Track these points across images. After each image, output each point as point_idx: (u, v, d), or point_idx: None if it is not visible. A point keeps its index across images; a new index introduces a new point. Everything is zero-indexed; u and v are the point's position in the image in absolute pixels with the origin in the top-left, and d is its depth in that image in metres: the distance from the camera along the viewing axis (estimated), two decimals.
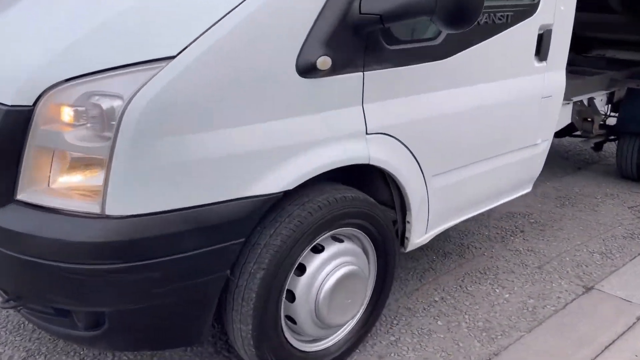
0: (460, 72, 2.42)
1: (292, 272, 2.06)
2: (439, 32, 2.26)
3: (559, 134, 5.21)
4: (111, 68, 1.66)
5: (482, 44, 2.45)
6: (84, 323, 1.80)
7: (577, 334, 2.72)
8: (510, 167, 2.94)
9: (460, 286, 3.11)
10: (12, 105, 1.69)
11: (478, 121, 2.58)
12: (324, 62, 1.88)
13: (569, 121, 4.43)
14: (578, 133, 4.98)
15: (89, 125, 1.66)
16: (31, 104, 1.68)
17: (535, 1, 2.67)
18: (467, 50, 2.39)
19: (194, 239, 1.75)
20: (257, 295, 1.94)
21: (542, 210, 4.27)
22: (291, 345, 2.17)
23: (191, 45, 1.68)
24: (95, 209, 1.66)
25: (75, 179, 1.71)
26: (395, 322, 2.75)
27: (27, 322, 2.61)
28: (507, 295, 3.04)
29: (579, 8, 5.14)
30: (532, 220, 4.06)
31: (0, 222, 1.72)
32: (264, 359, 2.04)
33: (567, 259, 3.49)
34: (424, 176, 2.42)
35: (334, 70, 1.94)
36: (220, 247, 1.81)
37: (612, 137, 5.00)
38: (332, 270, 2.14)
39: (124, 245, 1.66)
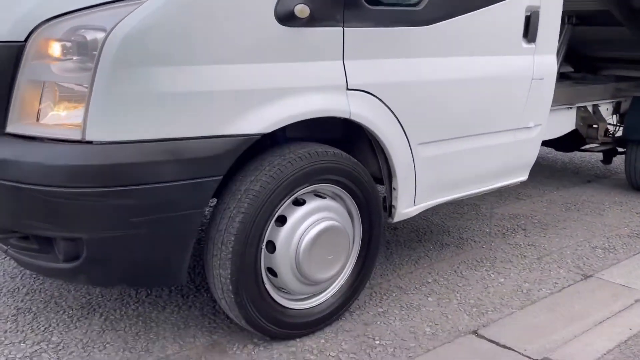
0: (445, 41, 2.49)
1: (272, 221, 2.09)
2: None
3: (567, 148, 5.21)
4: (97, 5, 1.78)
5: (466, 15, 2.52)
6: (64, 254, 1.85)
7: (570, 311, 2.66)
8: (501, 148, 2.95)
9: (455, 271, 3.08)
10: (5, 41, 1.81)
11: (463, 93, 2.62)
12: (302, 10, 1.97)
13: (572, 127, 4.43)
14: (586, 147, 4.97)
15: (74, 57, 1.77)
16: (23, 39, 1.79)
17: None
18: (450, 20, 2.46)
19: (171, 170, 1.81)
20: (235, 238, 1.97)
21: (547, 213, 4.22)
22: (272, 298, 2.18)
23: None
24: (76, 135, 1.74)
25: (62, 110, 1.80)
26: (385, 297, 2.73)
27: (20, 287, 2.67)
28: (502, 280, 3.00)
29: (585, 23, 5.23)
30: (536, 221, 4.01)
31: None
32: (242, 306, 2.05)
33: (568, 252, 3.43)
34: (409, 142, 2.45)
35: (313, 21, 2.02)
36: (197, 182, 1.86)
37: (621, 149, 4.98)
38: (313, 223, 2.17)
39: (101, 170, 1.73)
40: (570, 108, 4.30)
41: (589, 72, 6.40)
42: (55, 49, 1.78)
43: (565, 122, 4.33)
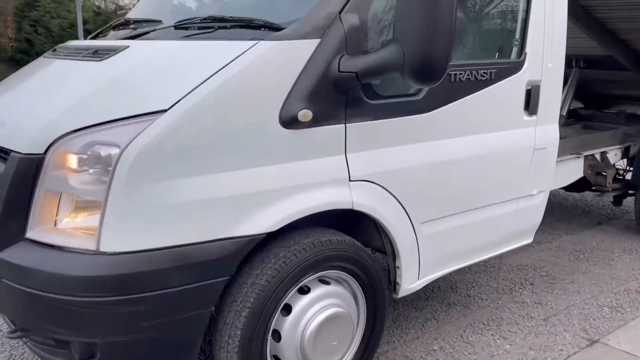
0: (444, 124, 2.56)
1: (278, 311, 2.17)
2: (421, 88, 2.43)
3: (577, 189, 5.22)
4: (111, 121, 1.88)
5: (466, 98, 2.59)
6: (79, 354, 1.94)
7: None
8: (504, 217, 3.00)
9: (461, 336, 3.13)
10: (26, 154, 1.92)
11: (463, 171, 2.69)
12: (305, 115, 2.06)
13: (580, 175, 4.46)
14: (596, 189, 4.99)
15: (90, 170, 1.87)
16: (42, 152, 1.91)
17: (521, 59, 2.82)
18: (450, 104, 2.54)
19: (180, 275, 1.90)
20: (242, 333, 2.06)
21: (554, 263, 4.25)
22: None
23: (182, 100, 1.89)
24: (91, 245, 1.84)
25: (78, 219, 1.91)
26: None
27: None
28: (507, 347, 3.04)
29: (595, 66, 5.26)
30: (544, 274, 4.04)
31: (11, 258, 1.92)
32: None
33: (575, 312, 3.46)
34: (412, 223, 2.53)
35: (316, 122, 2.11)
36: (205, 284, 1.95)
37: (631, 191, 4.99)
38: (318, 311, 2.25)
39: (114, 280, 1.83)
40: (578, 157, 4.34)
41: (599, 107, 6.43)
42: (72, 162, 1.89)
43: (572, 171, 4.36)
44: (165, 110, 1.87)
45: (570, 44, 4.22)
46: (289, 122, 2.05)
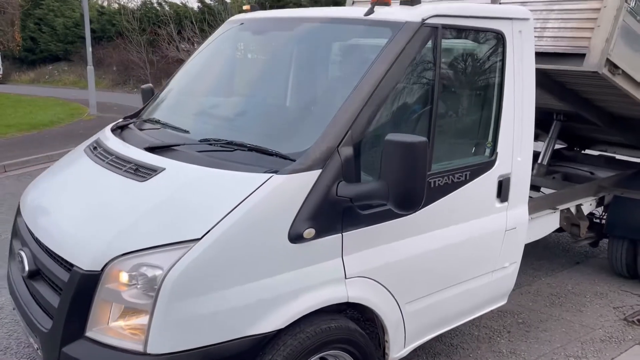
0: (426, 221, 3.04)
1: None
2: None
3: (558, 230, 5.71)
4: (155, 246, 2.37)
5: (445, 197, 3.07)
6: None
7: None
8: (479, 288, 3.49)
9: None
10: (87, 270, 2.41)
11: (444, 257, 3.17)
12: (309, 232, 2.55)
13: (556, 226, 4.93)
14: None
15: (138, 286, 2.36)
16: (100, 269, 2.39)
17: (493, 158, 3.30)
18: (431, 205, 3.02)
19: None
20: None
21: (531, 309, 4.74)
22: None
23: (212, 230, 2.37)
24: (139, 347, 2.33)
25: (128, 325, 2.39)
26: None
27: None
28: None
29: (574, 119, 5.71)
30: (520, 321, 4.54)
31: (73, 353, 2.41)
32: None
33: None
34: (398, 304, 3.01)
35: (318, 235, 2.60)
36: None
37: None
38: None
39: None
40: (554, 211, 4.81)
41: (582, 147, 6.91)
42: (124, 278, 2.38)
43: (549, 224, 4.84)
44: (198, 239, 2.35)
45: (551, 101, 4.67)
46: (296, 238, 2.53)
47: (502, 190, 3.39)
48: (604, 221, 5.44)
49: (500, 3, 4.05)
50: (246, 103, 3.36)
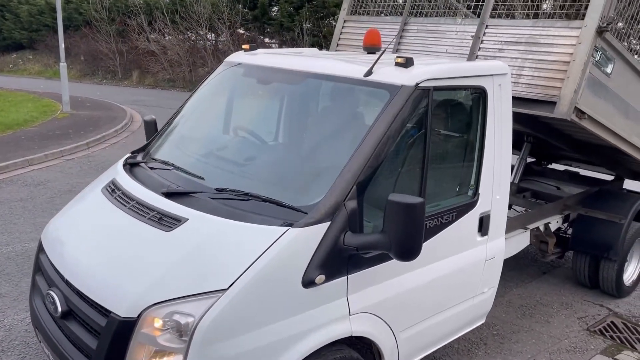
0: (419, 259, 3.38)
1: None
2: None
3: None
4: (186, 296, 2.67)
5: (436, 236, 3.45)
6: None
7: None
8: (462, 312, 3.90)
9: None
10: (124, 317, 2.69)
11: (433, 288, 3.56)
12: (320, 278, 2.88)
13: (527, 244, 5.39)
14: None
15: (171, 331, 2.66)
16: (136, 316, 2.68)
17: (475, 199, 3.69)
18: (424, 244, 3.37)
19: None
20: None
21: (504, 320, 5.20)
22: None
23: (237, 281, 2.68)
24: None
25: None
26: None
27: None
28: None
29: (540, 141, 6.15)
30: (495, 332, 4.98)
31: None
32: None
33: None
34: (393, 333, 3.39)
35: (326, 280, 2.94)
36: None
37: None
38: None
39: None
40: (525, 230, 5.26)
41: (549, 160, 7.40)
42: (158, 324, 2.67)
43: (520, 242, 5.28)
44: (226, 289, 2.66)
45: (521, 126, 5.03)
46: (308, 284, 2.86)
47: (483, 225, 3.79)
48: (569, 235, 5.93)
49: (477, 54, 4.43)
50: (258, 150, 3.65)
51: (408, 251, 2.84)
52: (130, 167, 3.82)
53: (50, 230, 3.58)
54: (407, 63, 3.28)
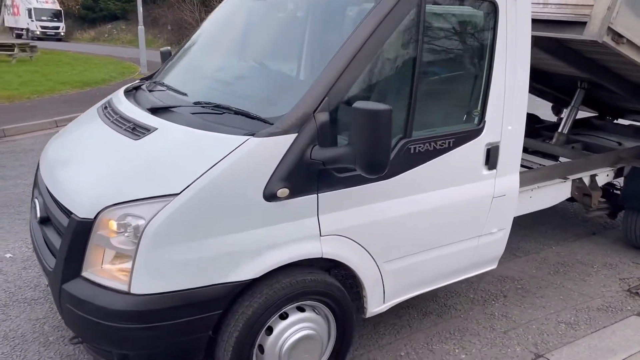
0: (407, 186, 3.17)
1: (262, 332, 2.92)
2: None
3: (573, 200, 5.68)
4: (139, 199, 2.62)
5: (428, 163, 3.19)
6: (117, 357, 2.77)
7: None
8: (465, 251, 3.61)
9: (427, 344, 3.80)
10: (82, 218, 2.70)
11: (425, 220, 3.30)
12: (283, 192, 2.74)
13: (567, 196, 4.94)
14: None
15: (125, 234, 2.63)
16: (92, 217, 2.67)
17: (481, 126, 3.36)
18: (411, 170, 3.14)
19: (186, 310, 2.66)
20: (233, 349, 2.82)
21: (533, 276, 4.81)
22: None
23: (190, 186, 2.60)
24: (125, 288, 2.61)
25: (115, 268, 2.68)
26: None
27: None
28: (463, 356, 3.69)
29: (596, 88, 5.60)
30: (519, 286, 4.62)
31: (71, 289, 2.72)
32: None
33: (534, 326, 4.06)
34: (376, 263, 3.19)
35: (292, 195, 2.78)
36: (204, 316, 2.71)
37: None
38: (293, 332, 2.98)
39: (140, 314, 2.60)
40: (565, 181, 4.80)
41: (614, 115, 6.74)
42: (113, 226, 2.65)
43: (558, 194, 4.85)
44: (177, 194, 2.59)
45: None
46: (270, 197, 2.73)
47: (491, 158, 3.46)
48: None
49: None
50: (239, 67, 3.53)
51: (372, 164, 2.62)
52: (135, 91, 3.84)
53: (46, 147, 3.68)
54: None
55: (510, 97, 3.45)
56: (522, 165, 5.35)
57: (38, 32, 34.44)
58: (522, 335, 3.94)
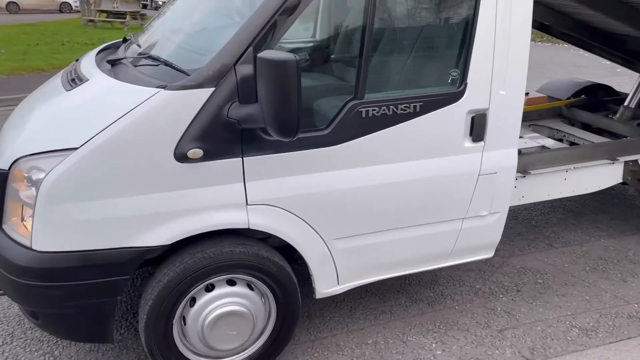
0: (360, 155, 2.75)
1: (184, 302, 2.71)
2: (329, 123, 2.67)
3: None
4: (42, 152, 2.49)
5: (385, 130, 2.75)
6: (29, 315, 2.71)
7: None
8: (443, 235, 3.12)
9: (403, 334, 3.38)
10: (0, 169, 2.62)
11: (384, 196, 2.87)
12: (195, 153, 2.47)
13: (619, 180, 4.21)
14: None
15: (29, 188, 2.52)
16: (7, 168, 2.59)
17: (460, 89, 2.83)
18: (365, 137, 2.72)
19: (89, 272, 2.51)
20: (147, 316, 2.65)
21: (562, 270, 4.15)
22: (181, 353, 2.81)
23: (90, 140, 2.41)
24: (28, 243, 2.52)
25: (23, 221, 2.58)
26: (315, 354, 3.21)
27: None
28: (438, 352, 3.24)
29: None
30: (540, 281, 4.01)
31: None
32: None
33: (539, 328, 3.48)
34: (322, 239, 2.84)
35: (208, 157, 2.51)
36: (109, 280, 2.54)
37: None
38: (218, 306, 2.74)
39: (42, 271, 2.49)
40: (613, 162, 4.07)
41: None
42: (22, 178, 2.55)
43: (605, 177, 4.13)
44: (76, 148, 2.41)
45: None
46: (181, 158, 2.47)
47: (475, 127, 2.93)
48: None
49: None
50: (187, 22, 3.25)
51: (281, 124, 2.27)
52: (107, 49, 3.71)
53: None
54: None
55: (502, 55, 2.87)
56: (571, 143, 4.65)
57: (160, 2, 36.58)
58: (520, 337, 3.39)
